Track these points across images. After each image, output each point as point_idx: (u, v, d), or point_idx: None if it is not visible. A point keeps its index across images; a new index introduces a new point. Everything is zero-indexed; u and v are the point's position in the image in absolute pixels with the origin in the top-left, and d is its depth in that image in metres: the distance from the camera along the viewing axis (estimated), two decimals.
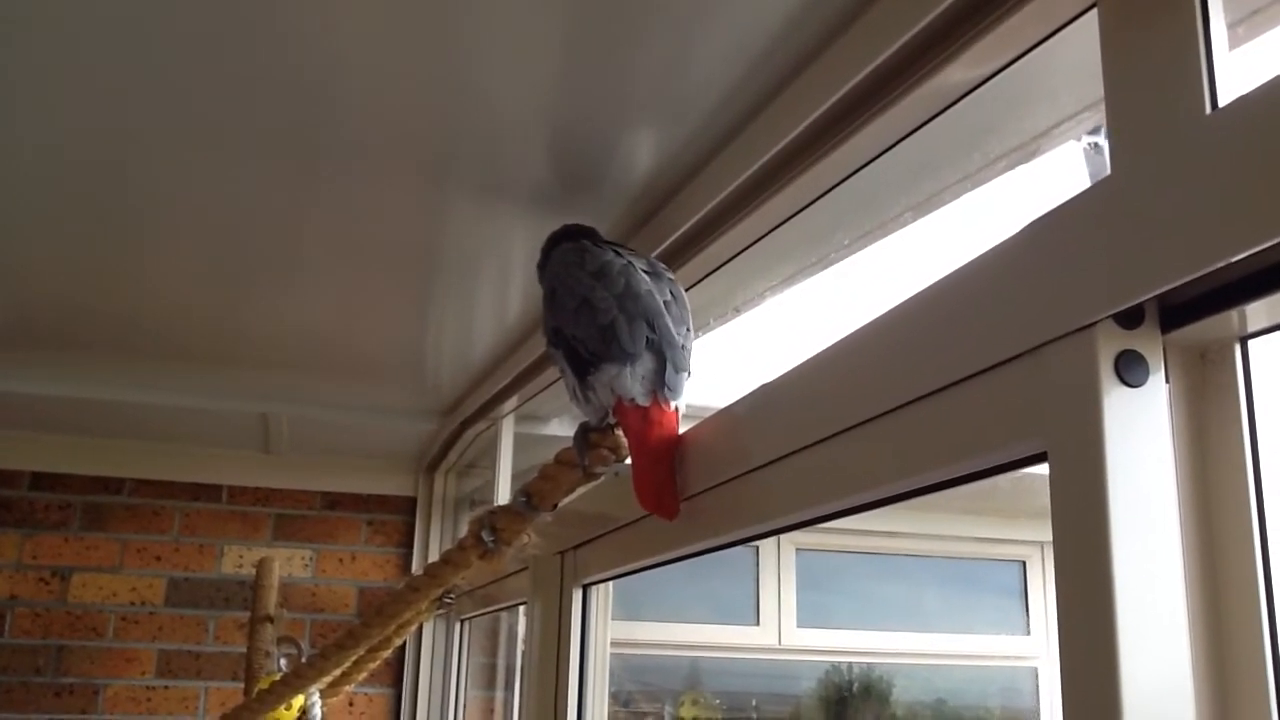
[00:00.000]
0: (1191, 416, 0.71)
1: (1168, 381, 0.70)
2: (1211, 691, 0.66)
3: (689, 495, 1.28)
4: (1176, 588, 0.67)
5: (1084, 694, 0.66)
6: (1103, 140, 1.15)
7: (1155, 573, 0.66)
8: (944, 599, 4.25)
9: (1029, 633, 4.20)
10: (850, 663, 4.19)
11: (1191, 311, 0.68)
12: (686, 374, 1.25)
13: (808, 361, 1.04)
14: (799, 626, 3.95)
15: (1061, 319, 0.71)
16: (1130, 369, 0.69)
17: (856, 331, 0.97)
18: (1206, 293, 0.67)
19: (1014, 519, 4.01)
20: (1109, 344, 0.69)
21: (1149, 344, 0.69)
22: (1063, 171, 1.22)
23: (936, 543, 4.07)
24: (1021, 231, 0.77)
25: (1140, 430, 0.68)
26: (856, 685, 4.26)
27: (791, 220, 1.34)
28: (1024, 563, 4.22)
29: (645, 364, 1.21)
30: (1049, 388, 0.72)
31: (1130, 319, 0.69)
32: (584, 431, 1.34)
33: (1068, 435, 0.70)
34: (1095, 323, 0.69)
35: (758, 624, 3.91)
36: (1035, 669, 4.18)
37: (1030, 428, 0.74)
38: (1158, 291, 0.66)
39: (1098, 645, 0.65)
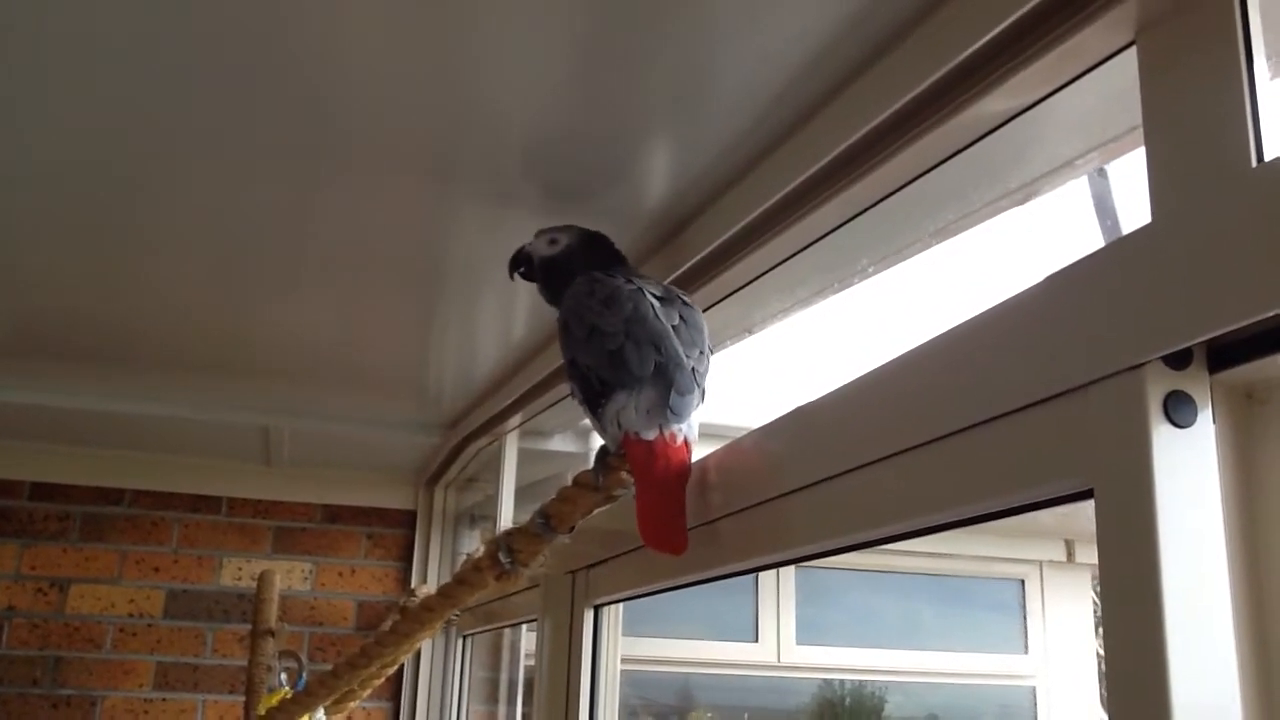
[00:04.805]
0: (1238, 456, 0.71)
1: (1214, 421, 0.71)
2: None
3: (709, 520, 1.27)
4: (1226, 627, 0.67)
5: None
6: (1106, 165, 1.15)
7: (1205, 612, 0.67)
8: (942, 617, 4.25)
9: (1027, 651, 4.21)
10: (844, 679, 4.20)
11: (1239, 353, 0.69)
12: (695, 395, 1.24)
13: (845, 387, 1.04)
14: (798, 643, 3.95)
15: (1109, 358, 0.72)
16: (1179, 409, 0.69)
17: (898, 359, 0.96)
18: (1254, 335, 0.67)
19: (1013, 537, 4.02)
20: (1157, 384, 0.69)
21: (1197, 385, 0.70)
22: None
23: (935, 560, 4.08)
24: (1067, 269, 0.77)
25: (1189, 470, 0.69)
26: (849, 700, 4.26)
27: (814, 245, 1.34)
28: (1022, 581, 4.23)
29: (650, 392, 1.21)
30: (1096, 426, 0.73)
31: (1179, 360, 0.69)
32: (603, 454, 1.33)
33: (1115, 474, 0.70)
34: (1144, 363, 0.69)
35: (757, 641, 3.91)
36: (1033, 688, 4.19)
37: (1075, 465, 0.74)
38: (1207, 336, 0.67)
39: (1148, 685, 0.65)
